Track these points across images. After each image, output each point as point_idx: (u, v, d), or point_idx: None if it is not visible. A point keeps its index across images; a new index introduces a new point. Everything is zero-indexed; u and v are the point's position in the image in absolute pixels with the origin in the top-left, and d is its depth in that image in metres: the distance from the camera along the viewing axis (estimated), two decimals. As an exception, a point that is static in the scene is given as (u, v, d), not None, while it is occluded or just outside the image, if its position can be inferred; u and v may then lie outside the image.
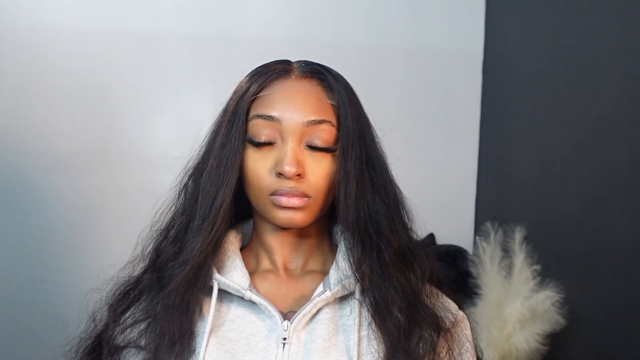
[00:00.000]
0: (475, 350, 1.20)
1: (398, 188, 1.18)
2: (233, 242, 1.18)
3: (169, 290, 1.12)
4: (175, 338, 1.10)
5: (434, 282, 1.17)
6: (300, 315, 1.11)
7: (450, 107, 2.63)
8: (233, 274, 1.14)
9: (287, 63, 1.18)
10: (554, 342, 2.07)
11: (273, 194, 1.11)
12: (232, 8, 2.50)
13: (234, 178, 1.13)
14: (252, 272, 1.17)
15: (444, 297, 1.18)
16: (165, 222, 1.18)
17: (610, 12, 1.99)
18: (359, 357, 1.09)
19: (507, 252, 2.17)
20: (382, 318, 1.10)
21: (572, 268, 2.10)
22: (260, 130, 1.12)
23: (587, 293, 2.03)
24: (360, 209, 1.12)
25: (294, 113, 1.12)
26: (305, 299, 1.13)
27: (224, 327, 1.12)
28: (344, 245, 1.14)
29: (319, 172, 1.12)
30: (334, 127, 1.13)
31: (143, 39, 2.44)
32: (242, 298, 1.13)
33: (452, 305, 1.18)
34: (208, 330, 1.10)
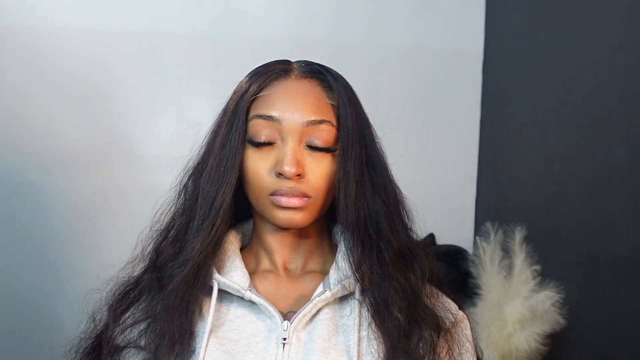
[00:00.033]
0: (475, 351, 1.20)
1: (398, 188, 1.18)
2: (233, 242, 1.18)
3: (169, 291, 1.12)
4: (175, 338, 1.10)
5: (434, 282, 1.17)
6: (300, 316, 1.11)
7: (450, 107, 2.63)
8: (233, 274, 1.14)
9: (287, 63, 1.18)
10: (554, 342, 2.07)
11: (273, 194, 1.11)
12: (232, 8, 2.50)
13: (234, 178, 1.12)
14: (252, 272, 1.17)
15: (444, 297, 1.18)
16: (165, 222, 1.18)
17: (610, 12, 1.98)
18: (359, 357, 1.09)
19: (507, 252, 2.17)
20: (382, 318, 1.10)
21: (572, 268, 2.10)
22: (260, 130, 1.12)
23: (587, 293, 2.03)
24: (360, 209, 1.12)
25: (294, 113, 1.12)
26: (305, 299, 1.13)
27: (224, 327, 1.12)
28: (344, 246, 1.14)
29: (319, 172, 1.12)
30: (334, 127, 1.13)
31: (143, 39, 2.44)
32: (242, 298, 1.13)
33: (452, 306, 1.18)
34: (208, 331, 1.10)
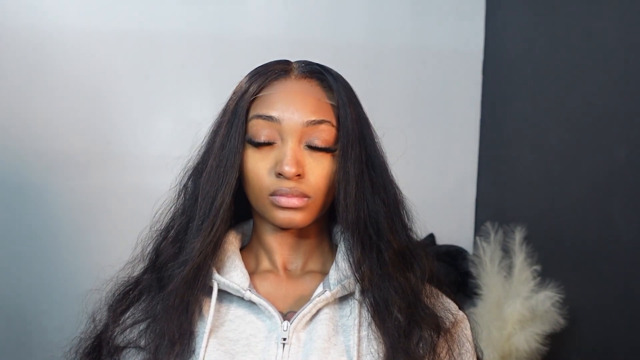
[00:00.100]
0: (476, 351, 1.20)
1: (398, 188, 1.18)
2: (233, 242, 1.18)
3: (169, 291, 1.11)
4: (175, 338, 1.10)
5: (434, 282, 1.17)
6: (300, 316, 1.11)
7: (450, 107, 2.63)
8: (233, 274, 1.14)
9: (286, 63, 1.18)
10: (554, 342, 2.07)
11: (273, 194, 1.11)
12: (231, 8, 2.50)
13: (234, 178, 1.12)
14: (251, 272, 1.17)
15: (444, 297, 1.18)
16: (165, 222, 1.18)
17: (610, 12, 1.98)
18: (359, 357, 1.09)
19: (507, 252, 2.17)
20: (382, 318, 1.10)
21: (572, 268, 2.10)
22: (260, 131, 1.12)
23: (587, 293, 2.03)
24: (360, 209, 1.12)
25: (294, 113, 1.12)
26: (305, 300, 1.13)
27: (224, 327, 1.12)
28: (344, 246, 1.14)
29: (319, 172, 1.12)
30: (334, 127, 1.13)
31: (143, 39, 2.44)
32: (241, 298, 1.13)
33: (452, 306, 1.18)
34: (208, 331, 1.10)
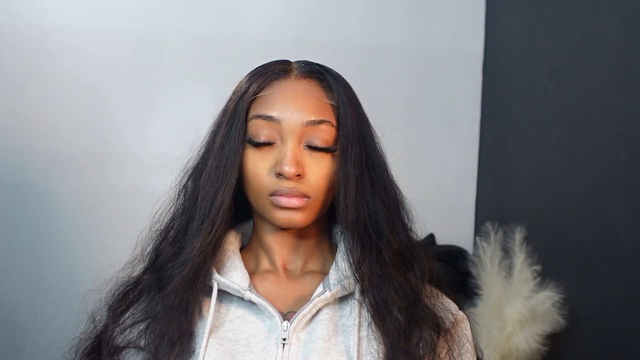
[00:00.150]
0: (476, 351, 1.20)
1: (398, 188, 1.18)
2: (233, 242, 1.18)
3: (169, 291, 1.11)
4: (175, 339, 1.10)
5: (434, 282, 1.17)
6: (300, 316, 1.11)
7: (450, 107, 2.63)
8: (233, 275, 1.14)
9: (286, 63, 1.17)
10: (554, 342, 2.07)
11: (273, 195, 1.11)
12: (232, 8, 2.50)
13: (234, 178, 1.12)
14: (251, 272, 1.17)
15: (444, 297, 1.18)
16: (165, 222, 1.18)
17: (610, 11, 1.98)
18: (359, 357, 1.09)
19: (507, 252, 2.17)
20: (382, 318, 1.10)
21: (572, 268, 2.09)
22: (260, 131, 1.12)
23: (587, 293, 2.03)
24: (360, 210, 1.12)
25: (294, 113, 1.11)
26: (305, 300, 1.13)
27: (224, 327, 1.12)
28: (344, 246, 1.14)
29: (319, 172, 1.12)
30: (334, 127, 1.13)
31: (143, 39, 2.44)
32: (241, 298, 1.13)
33: (452, 306, 1.18)
34: (207, 331, 1.10)
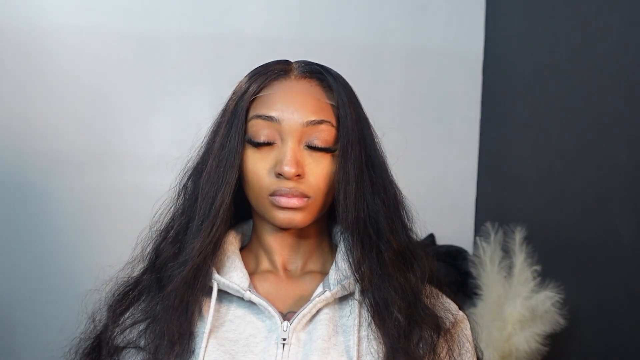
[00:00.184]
0: (476, 351, 1.20)
1: (398, 188, 1.18)
2: (233, 242, 1.18)
3: (169, 291, 1.11)
4: (175, 339, 1.10)
5: (434, 282, 1.17)
6: (300, 316, 1.11)
7: (450, 107, 2.63)
8: (233, 275, 1.14)
9: (286, 63, 1.17)
10: (554, 342, 2.07)
11: (272, 195, 1.11)
12: (232, 8, 2.50)
13: (234, 178, 1.12)
14: (251, 272, 1.17)
15: (444, 297, 1.18)
16: (165, 222, 1.18)
17: (611, 12, 1.98)
18: (359, 357, 1.08)
19: (507, 252, 2.17)
20: (382, 318, 1.10)
21: (572, 268, 2.09)
22: (260, 131, 1.12)
23: (587, 293, 2.03)
24: (360, 210, 1.12)
25: (294, 113, 1.11)
26: (305, 300, 1.13)
27: (224, 327, 1.12)
28: (344, 246, 1.14)
29: (319, 172, 1.12)
30: (334, 127, 1.13)
31: (143, 39, 2.44)
32: (241, 299, 1.13)
33: (452, 306, 1.18)
34: (207, 331, 1.10)
